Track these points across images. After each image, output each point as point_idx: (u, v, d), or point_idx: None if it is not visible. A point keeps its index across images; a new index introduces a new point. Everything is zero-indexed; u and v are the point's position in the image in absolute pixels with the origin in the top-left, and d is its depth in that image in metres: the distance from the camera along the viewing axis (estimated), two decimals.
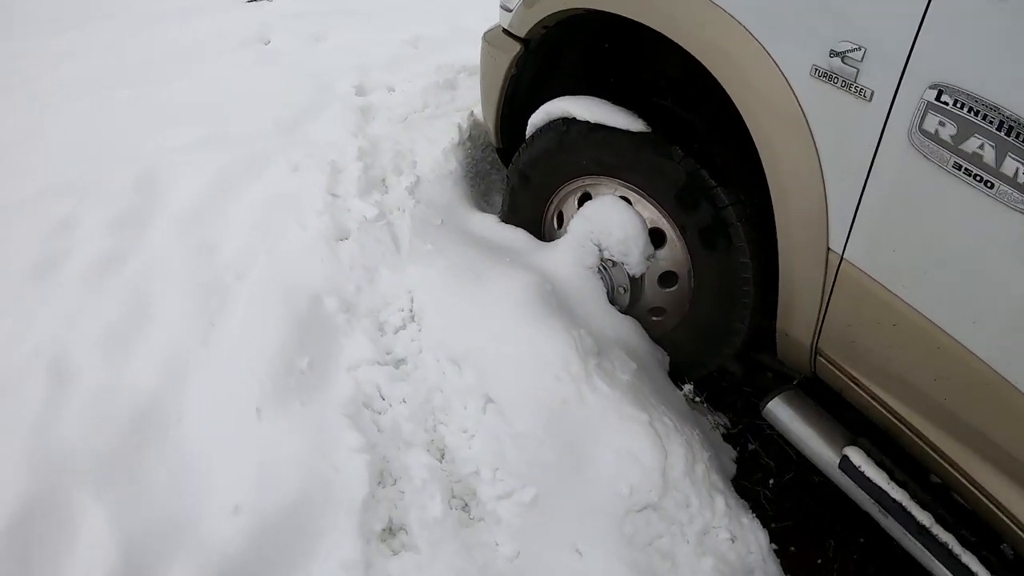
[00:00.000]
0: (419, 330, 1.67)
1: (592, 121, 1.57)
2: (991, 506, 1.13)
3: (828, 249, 1.22)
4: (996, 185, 0.93)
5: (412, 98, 2.56)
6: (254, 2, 4.03)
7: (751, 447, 1.76)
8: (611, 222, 1.59)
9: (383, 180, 2.17)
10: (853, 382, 1.33)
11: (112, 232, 1.93)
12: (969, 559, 1.17)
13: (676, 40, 1.31)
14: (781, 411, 1.42)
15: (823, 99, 1.10)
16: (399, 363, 1.62)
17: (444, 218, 2.00)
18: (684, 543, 1.35)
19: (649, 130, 1.51)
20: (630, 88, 1.91)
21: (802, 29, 1.10)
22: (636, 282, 1.65)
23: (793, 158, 1.18)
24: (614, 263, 1.65)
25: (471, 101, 2.59)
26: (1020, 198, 0.91)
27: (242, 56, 3.21)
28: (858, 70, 1.04)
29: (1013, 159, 0.90)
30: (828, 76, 1.08)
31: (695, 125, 1.58)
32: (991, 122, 0.91)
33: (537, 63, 1.83)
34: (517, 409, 1.40)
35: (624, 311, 1.70)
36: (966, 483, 1.18)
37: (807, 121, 1.14)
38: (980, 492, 1.15)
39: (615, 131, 1.54)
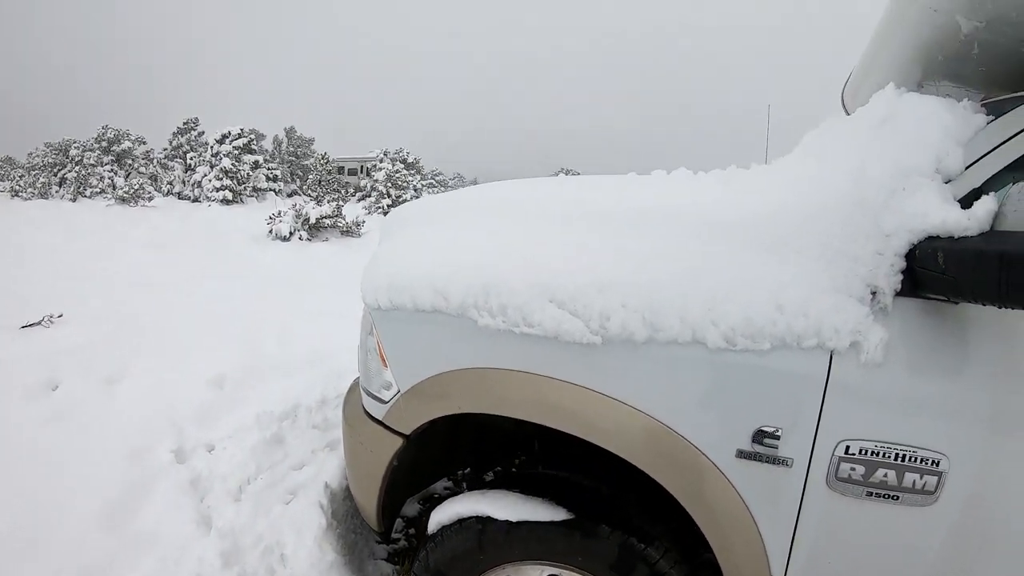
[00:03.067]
0: None
1: (513, 520, 1.47)
2: None
3: None
4: (900, 496, 1.12)
5: (243, 463, 2.19)
6: (28, 328, 3.45)
7: None
8: None
9: None
10: None
11: None
12: None
13: (600, 444, 1.31)
14: None
15: (750, 473, 1.21)
16: None
17: None
18: None
19: (573, 516, 1.44)
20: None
21: (723, 422, 1.21)
22: None
23: (728, 521, 1.25)
24: None
25: (303, 456, 2.34)
26: (919, 499, 1.11)
27: (30, 411, 2.44)
28: (777, 447, 1.18)
29: (911, 474, 1.11)
30: (752, 455, 1.20)
31: (599, 491, 1.57)
32: (887, 456, 1.11)
33: (415, 449, 1.72)
34: None
35: None
36: None
37: (737, 491, 1.23)
38: None
39: (539, 523, 1.46)
